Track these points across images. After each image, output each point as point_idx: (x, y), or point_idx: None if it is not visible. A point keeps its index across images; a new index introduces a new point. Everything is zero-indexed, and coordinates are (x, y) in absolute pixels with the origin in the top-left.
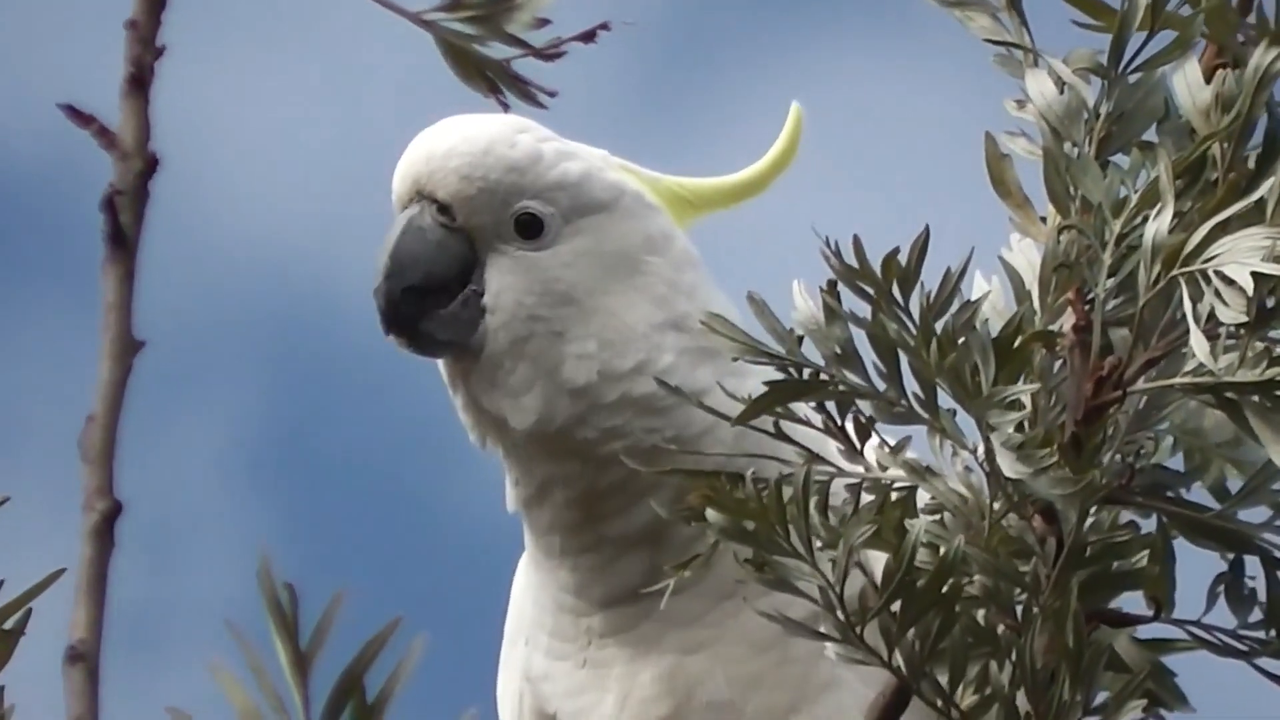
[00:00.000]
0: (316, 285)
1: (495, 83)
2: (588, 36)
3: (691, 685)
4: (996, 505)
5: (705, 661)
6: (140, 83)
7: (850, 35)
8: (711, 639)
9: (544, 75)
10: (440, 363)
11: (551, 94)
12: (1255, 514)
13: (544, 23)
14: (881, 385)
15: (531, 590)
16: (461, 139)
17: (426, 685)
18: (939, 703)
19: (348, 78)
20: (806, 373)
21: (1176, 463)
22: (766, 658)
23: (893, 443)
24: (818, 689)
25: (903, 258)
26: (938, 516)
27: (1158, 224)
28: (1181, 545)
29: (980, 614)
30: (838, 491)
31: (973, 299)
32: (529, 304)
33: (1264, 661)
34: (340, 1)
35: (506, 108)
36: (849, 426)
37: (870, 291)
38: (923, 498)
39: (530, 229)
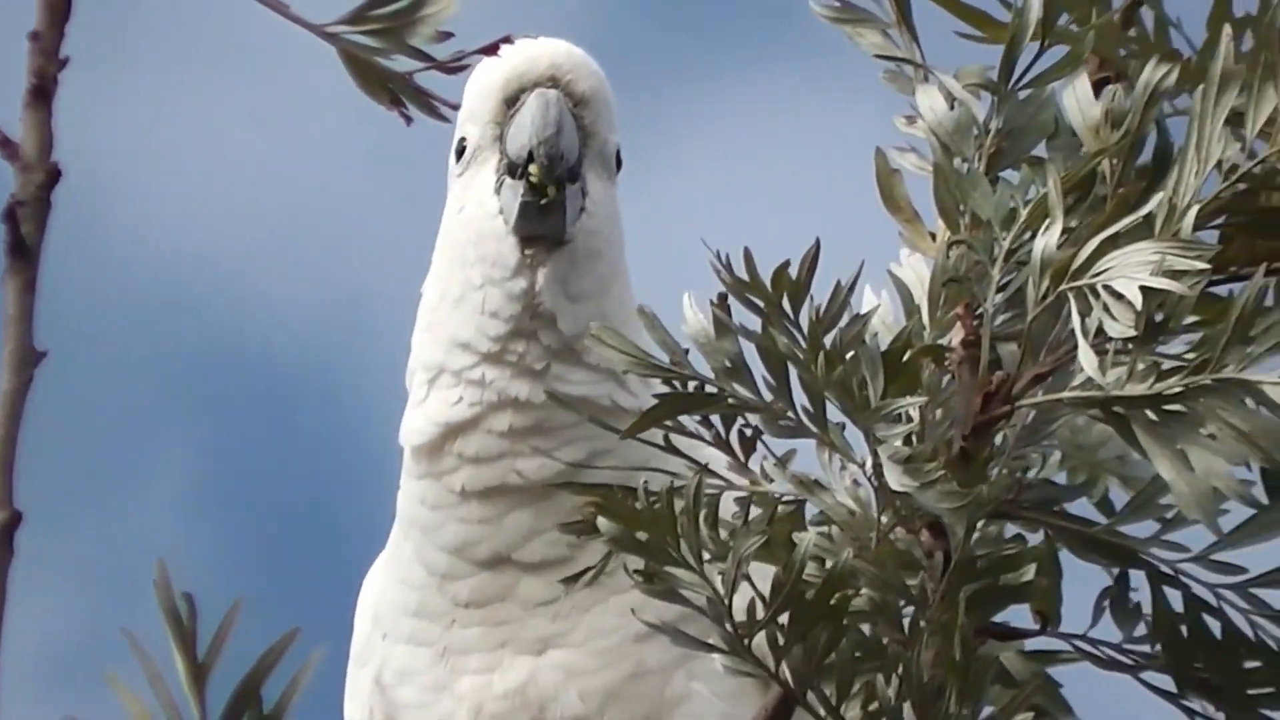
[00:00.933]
0: (220, 296)
1: (398, 95)
2: (490, 50)
3: (545, 701)
4: (885, 519)
5: (558, 675)
6: (43, 94)
7: (744, 51)
8: (565, 631)
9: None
10: (504, 247)
11: (454, 107)
12: (1141, 528)
13: (447, 36)
14: (771, 399)
15: (394, 575)
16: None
17: (324, 696)
18: (825, 716)
19: (252, 90)
20: (699, 386)
21: (1065, 477)
22: (619, 669)
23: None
24: (672, 703)
25: (793, 271)
26: (826, 530)
27: (1047, 239)
28: (1068, 559)
29: (868, 627)
30: (728, 505)
31: (862, 313)
32: (611, 226)
33: (1149, 675)
34: (245, 14)
35: (409, 120)
36: (734, 440)
37: (760, 305)
38: (811, 511)
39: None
